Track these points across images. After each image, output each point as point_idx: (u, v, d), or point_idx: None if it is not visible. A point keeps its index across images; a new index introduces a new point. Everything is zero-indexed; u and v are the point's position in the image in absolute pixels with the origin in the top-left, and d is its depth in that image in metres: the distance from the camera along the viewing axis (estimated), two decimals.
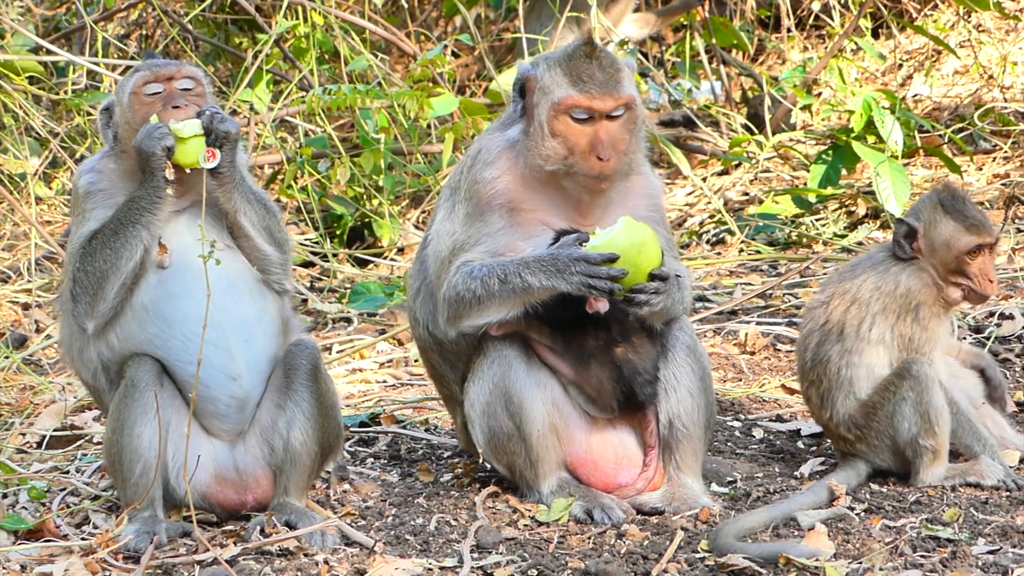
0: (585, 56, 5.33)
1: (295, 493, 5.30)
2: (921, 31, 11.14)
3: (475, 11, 12.39)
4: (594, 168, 5.28)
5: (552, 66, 5.36)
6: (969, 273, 5.64)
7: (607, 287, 5.16)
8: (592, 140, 5.29)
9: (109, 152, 5.39)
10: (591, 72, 5.32)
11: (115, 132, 5.33)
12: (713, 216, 9.85)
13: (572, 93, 5.30)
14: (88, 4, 10.87)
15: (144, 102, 5.27)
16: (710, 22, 11.42)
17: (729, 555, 4.80)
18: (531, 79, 5.40)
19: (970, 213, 5.67)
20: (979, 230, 5.65)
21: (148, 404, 5.11)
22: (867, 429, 5.65)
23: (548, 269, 5.22)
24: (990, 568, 4.79)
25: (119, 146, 5.33)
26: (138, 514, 5.16)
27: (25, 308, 8.37)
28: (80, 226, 5.29)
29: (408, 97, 9.23)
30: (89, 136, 9.26)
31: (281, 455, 5.28)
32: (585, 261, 5.16)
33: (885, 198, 9.00)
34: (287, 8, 9.83)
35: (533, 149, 5.35)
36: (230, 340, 5.23)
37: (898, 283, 5.67)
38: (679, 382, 5.48)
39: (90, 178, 5.35)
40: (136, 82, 5.29)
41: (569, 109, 5.30)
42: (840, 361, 5.69)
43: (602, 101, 5.30)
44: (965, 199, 5.71)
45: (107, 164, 5.37)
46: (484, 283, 5.29)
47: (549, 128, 5.32)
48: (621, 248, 5.17)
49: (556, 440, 5.44)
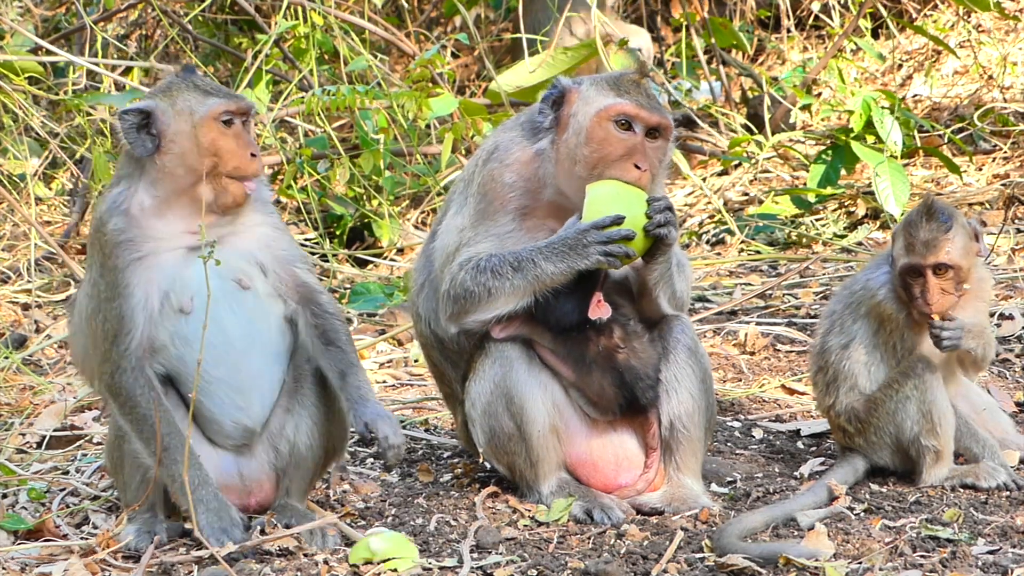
0: (633, 81, 5.43)
1: (297, 495, 5.30)
2: (921, 31, 11.15)
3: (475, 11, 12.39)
4: (630, 174, 5.29)
5: (598, 81, 5.44)
6: (912, 292, 5.55)
7: (622, 250, 5.18)
8: (630, 150, 5.32)
9: (137, 172, 5.14)
10: (639, 91, 5.41)
11: (157, 143, 5.10)
12: (713, 216, 9.85)
13: (620, 101, 5.35)
14: (88, 4, 10.87)
15: (218, 130, 5.14)
16: (710, 22, 11.42)
17: (729, 555, 4.80)
18: (572, 91, 5.44)
19: (917, 232, 5.51)
20: (915, 251, 5.49)
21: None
22: (867, 424, 5.65)
23: (562, 251, 5.22)
24: (990, 568, 4.79)
25: (163, 160, 5.10)
26: (138, 515, 5.16)
27: (25, 308, 8.37)
28: (96, 276, 5.11)
29: (407, 97, 9.23)
30: (89, 136, 9.26)
31: (286, 458, 5.28)
32: (595, 228, 5.19)
33: (884, 198, 9.00)
34: (287, 8, 9.83)
35: (565, 156, 5.36)
36: (242, 377, 5.20)
37: (864, 283, 5.68)
38: (680, 383, 5.48)
39: (118, 223, 5.10)
40: (214, 109, 5.13)
41: (614, 116, 5.33)
42: (841, 353, 5.69)
43: (648, 114, 5.35)
44: (930, 215, 5.52)
45: (139, 198, 5.12)
46: (495, 272, 5.28)
47: (588, 134, 5.33)
48: (606, 201, 5.21)
49: (556, 441, 5.44)
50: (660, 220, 5.23)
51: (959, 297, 5.54)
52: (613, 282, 5.46)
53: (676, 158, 9.88)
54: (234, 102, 5.14)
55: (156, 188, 5.12)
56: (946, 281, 5.51)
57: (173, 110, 5.11)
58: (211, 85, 5.19)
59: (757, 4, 12.71)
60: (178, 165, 5.10)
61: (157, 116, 5.11)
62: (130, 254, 5.09)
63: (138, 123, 5.10)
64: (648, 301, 5.46)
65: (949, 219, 5.52)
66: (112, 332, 5.06)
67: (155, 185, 5.12)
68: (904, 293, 5.57)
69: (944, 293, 5.51)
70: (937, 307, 5.50)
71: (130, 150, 5.14)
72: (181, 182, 5.11)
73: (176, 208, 5.13)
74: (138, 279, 5.08)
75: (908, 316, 5.59)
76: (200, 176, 5.08)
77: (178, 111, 5.11)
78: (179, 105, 5.12)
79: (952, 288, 5.51)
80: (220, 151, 5.09)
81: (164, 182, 5.12)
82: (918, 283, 5.52)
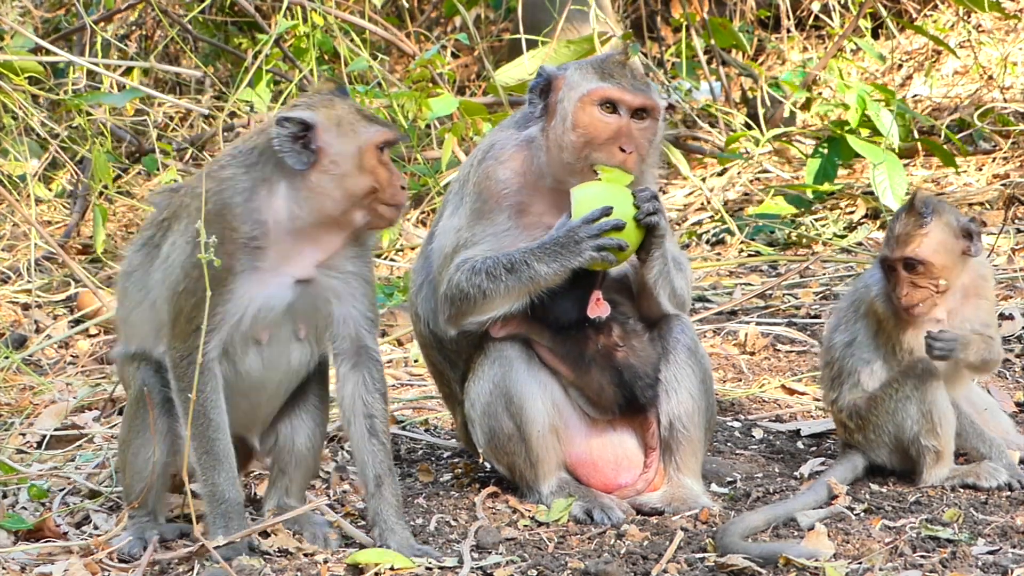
0: (618, 63, 5.41)
1: (296, 495, 5.31)
2: (921, 31, 11.15)
3: (475, 11, 12.39)
4: (615, 157, 5.28)
5: (583, 66, 5.43)
6: (890, 285, 5.57)
7: (615, 242, 5.18)
8: (616, 132, 5.30)
9: (277, 180, 4.89)
10: (623, 73, 5.38)
11: (314, 159, 4.86)
12: (713, 216, 9.85)
13: (603, 85, 5.34)
14: (88, 5, 10.87)
15: (378, 158, 4.92)
16: (710, 22, 11.42)
17: (729, 555, 4.80)
18: (558, 78, 5.43)
19: (894, 226, 5.55)
20: (888, 244, 5.53)
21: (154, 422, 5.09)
22: (868, 422, 5.65)
23: (555, 251, 5.22)
24: (990, 568, 4.78)
25: (319, 178, 4.88)
26: (137, 516, 5.16)
27: (25, 308, 8.36)
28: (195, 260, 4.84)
29: (407, 98, 9.23)
30: (89, 137, 9.26)
31: (286, 458, 5.29)
32: (585, 223, 5.18)
33: (882, 191, 9.03)
34: (287, 9, 9.83)
35: (553, 143, 5.36)
36: (258, 412, 5.21)
37: (865, 282, 5.70)
38: (680, 383, 5.48)
39: (253, 230, 4.85)
40: (377, 137, 4.92)
41: (597, 100, 5.33)
42: (844, 351, 5.70)
43: (632, 96, 5.33)
44: (909, 210, 5.54)
45: (276, 208, 4.88)
46: (490, 274, 5.28)
47: (573, 119, 5.33)
48: (592, 198, 5.20)
49: (556, 441, 5.44)
50: (649, 208, 5.22)
51: (937, 293, 5.52)
52: (612, 280, 5.46)
53: (676, 158, 9.89)
54: (392, 132, 4.97)
55: (300, 205, 4.88)
56: (919, 276, 5.51)
57: (337, 130, 4.88)
58: (367, 111, 5.02)
59: (757, 4, 12.71)
60: (335, 187, 4.87)
61: (319, 131, 4.87)
62: (251, 262, 4.88)
63: (296, 133, 4.86)
64: (648, 300, 5.46)
65: (930, 215, 5.51)
66: (198, 322, 4.82)
67: (300, 202, 4.88)
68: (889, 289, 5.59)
69: (915, 287, 5.50)
70: (907, 301, 5.50)
71: (279, 157, 4.88)
72: (330, 204, 4.89)
73: (310, 232, 4.92)
74: (244, 290, 4.90)
75: (897, 316, 5.59)
76: (353, 201, 4.88)
77: (343, 132, 4.88)
78: (344, 126, 4.89)
79: (926, 283, 5.50)
80: (379, 178, 4.90)
81: (312, 201, 4.89)
82: (892, 277, 5.54)
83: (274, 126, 4.87)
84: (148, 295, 5.08)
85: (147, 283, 5.09)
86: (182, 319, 4.91)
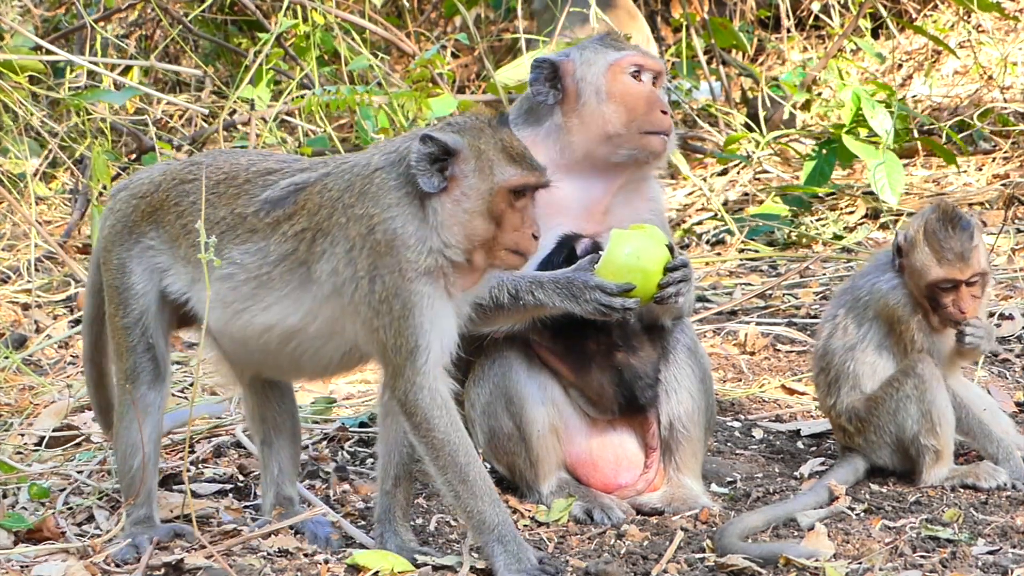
0: (623, 36, 5.54)
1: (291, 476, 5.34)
2: (921, 31, 11.15)
3: (475, 11, 12.39)
4: (663, 123, 5.31)
5: (590, 45, 5.47)
6: (941, 302, 5.53)
7: (620, 317, 5.13)
8: (648, 97, 5.36)
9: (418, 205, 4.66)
10: (631, 43, 5.50)
11: (445, 185, 4.64)
12: (713, 216, 9.85)
13: (626, 53, 5.41)
14: (88, 4, 10.87)
15: (508, 200, 4.69)
16: (710, 22, 11.42)
17: (729, 555, 4.80)
18: (567, 63, 5.43)
19: (949, 244, 5.47)
20: (952, 266, 5.47)
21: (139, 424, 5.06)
22: (867, 423, 5.65)
23: (563, 292, 5.14)
24: (990, 568, 4.78)
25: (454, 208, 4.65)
26: (134, 516, 5.14)
27: (25, 308, 8.36)
28: (376, 285, 4.67)
29: (407, 97, 9.23)
30: (89, 136, 9.25)
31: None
32: (600, 290, 5.08)
33: (880, 188, 9.03)
34: (287, 8, 9.82)
35: (590, 120, 5.36)
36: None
37: (870, 288, 5.66)
38: (680, 383, 5.48)
39: (428, 262, 4.64)
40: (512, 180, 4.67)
41: (627, 68, 5.38)
42: (845, 355, 5.69)
43: (652, 60, 5.42)
44: (954, 224, 5.49)
45: (436, 241, 4.66)
46: (493, 296, 5.22)
47: (607, 92, 5.35)
48: (623, 263, 5.09)
49: (556, 441, 5.44)
50: (671, 292, 5.14)
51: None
52: None
53: (676, 158, 9.88)
54: (534, 176, 4.69)
55: (445, 232, 4.65)
56: (976, 287, 5.51)
57: (476, 162, 4.64)
58: (518, 148, 4.70)
59: (757, 4, 12.71)
60: (456, 222, 4.64)
61: (458, 159, 4.65)
62: (423, 285, 4.66)
63: (436, 155, 4.63)
64: (650, 314, 5.43)
65: (969, 225, 5.51)
66: (408, 347, 4.66)
67: (443, 229, 4.65)
68: (928, 303, 5.55)
69: (975, 299, 5.52)
70: (971, 314, 5.52)
71: (416, 180, 4.64)
72: (463, 239, 4.64)
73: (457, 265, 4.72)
74: (426, 302, 4.69)
75: (923, 320, 5.58)
76: (472, 242, 4.66)
77: (480, 166, 4.63)
78: (483, 160, 4.64)
79: (980, 292, 5.53)
80: (506, 224, 4.65)
81: (453, 230, 4.63)
82: (950, 294, 5.50)
83: (416, 141, 4.65)
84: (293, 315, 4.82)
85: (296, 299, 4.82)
86: (388, 352, 4.69)
